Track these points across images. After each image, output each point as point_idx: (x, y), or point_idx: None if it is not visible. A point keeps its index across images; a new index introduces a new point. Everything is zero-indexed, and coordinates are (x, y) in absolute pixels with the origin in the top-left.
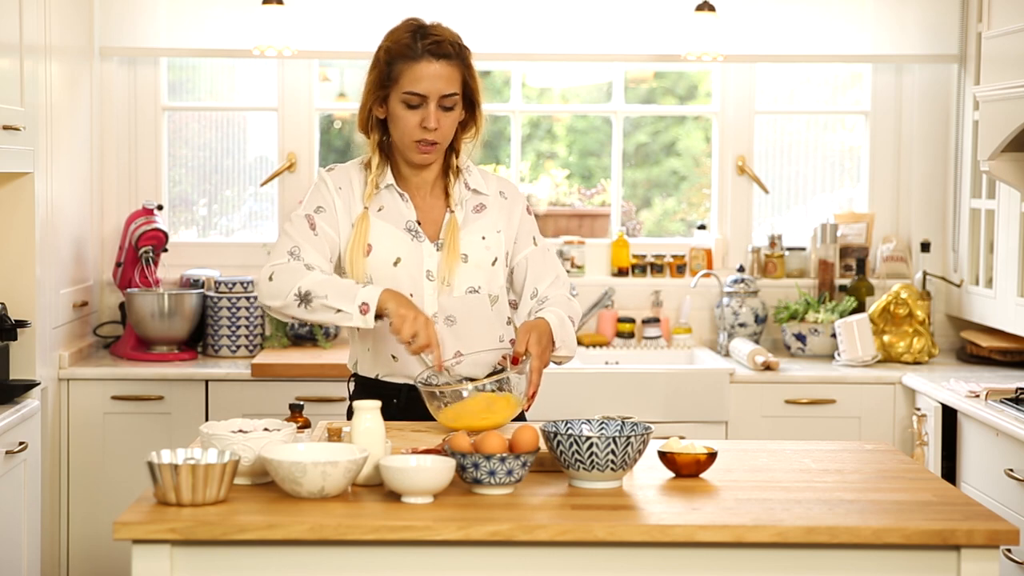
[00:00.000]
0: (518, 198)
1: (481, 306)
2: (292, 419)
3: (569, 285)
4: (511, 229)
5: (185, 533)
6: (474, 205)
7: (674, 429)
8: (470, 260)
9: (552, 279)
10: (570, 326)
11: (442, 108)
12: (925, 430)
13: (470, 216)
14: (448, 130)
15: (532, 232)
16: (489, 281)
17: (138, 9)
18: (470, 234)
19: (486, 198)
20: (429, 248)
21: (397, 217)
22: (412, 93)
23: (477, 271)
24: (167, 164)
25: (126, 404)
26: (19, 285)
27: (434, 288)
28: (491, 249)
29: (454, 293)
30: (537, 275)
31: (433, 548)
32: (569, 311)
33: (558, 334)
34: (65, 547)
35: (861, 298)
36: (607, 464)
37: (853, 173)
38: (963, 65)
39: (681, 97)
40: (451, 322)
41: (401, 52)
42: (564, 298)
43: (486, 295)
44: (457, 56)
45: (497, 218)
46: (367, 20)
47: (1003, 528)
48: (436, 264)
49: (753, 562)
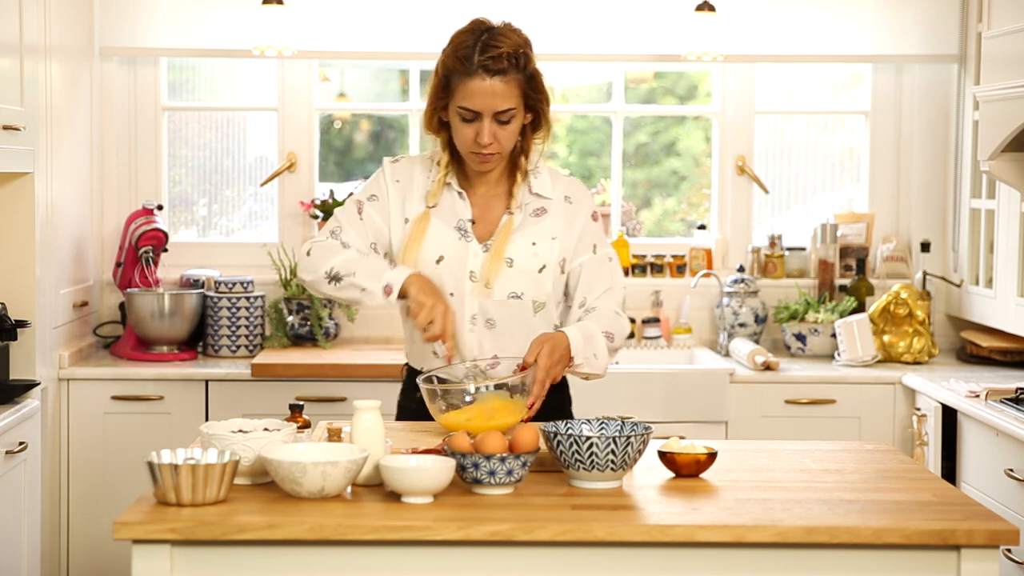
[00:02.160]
0: (584, 203)
1: (523, 312)
2: (292, 419)
3: (622, 298)
4: (570, 235)
5: (185, 533)
6: (534, 209)
7: (674, 429)
8: (515, 265)
9: (604, 290)
10: (601, 342)
11: (498, 122)
12: (925, 430)
13: (528, 220)
14: (507, 141)
15: (594, 239)
16: (534, 287)
17: (138, 9)
18: (522, 239)
19: (548, 202)
20: (475, 248)
21: (450, 215)
22: (465, 108)
23: (521, 276)
24: (167, 164)
25: (126, 404)
26: (19, 285)
27: (476, 289)
28: (540, 256)
29: (495, 297)
30: (589, 284)
31: (433, 548)
32: (609, 326)
33: (579, 349)
34: (65, 547)
35: (861, 298)
36: (607, 464)
37: (853, 173)
38: (963, 65)
39: (681, 97)
40: (491, 325)
41: (456, 67)
42: (610, 312)
43: (529, 301)
44: (515, 68)
45: (555, 224)
46: (367, 20)
47: (1003, 528)
48: (480, 265)
49: (753, 562)
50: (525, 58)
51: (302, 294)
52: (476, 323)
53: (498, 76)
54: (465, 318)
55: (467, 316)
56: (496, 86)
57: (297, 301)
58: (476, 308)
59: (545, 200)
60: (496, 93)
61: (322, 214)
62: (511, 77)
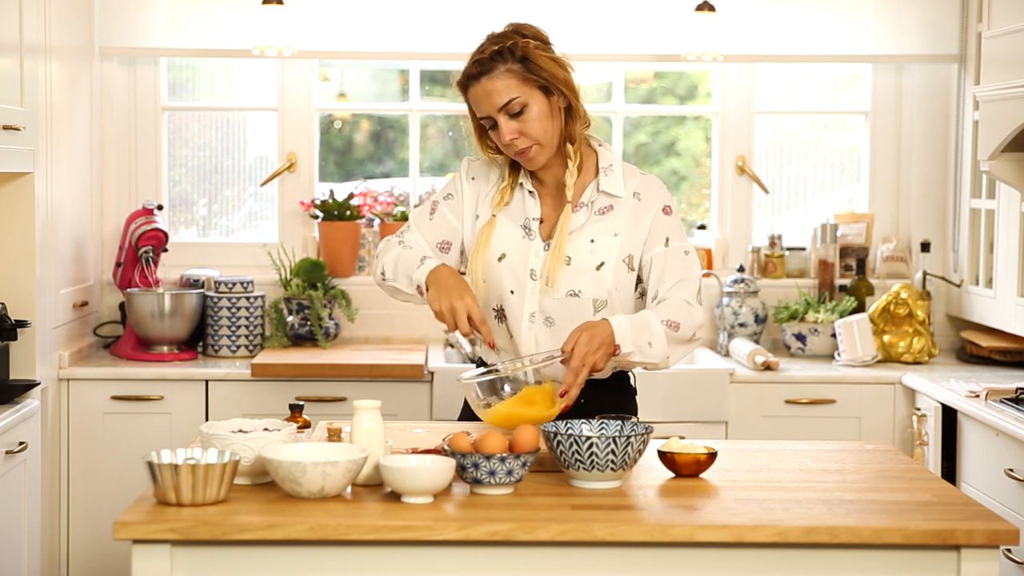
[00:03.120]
0: (655, 199)
1: (582, 310)
2: (292, 419)
3: (697, 288)
4: (638, 232)
5: (185, 533)
6: (601, 207)
7: (674, 429)
8: (573, 263)
9: (675, 281)
10: (659, 329)
11: (510, 116)
12: (925, 430)
13: (593, 217)
14: (534, 131)
15: (666, 233)
16: (593, 285)
17: (138, 9)
18: (581, 236)
19: (617, 200)
20: (538, 247)
21: (518, 213)
22: (480, 118)
23: (580, 274)
24: (167, 164)
25: (126, 404)
26: (19, 285)
27: (536, 288)
28: (598, 253)
29: (556, 295)
30: (660, 277)
31: (433, 548)
32: (672, 315)
33: (625, 336)
34: (65, 547)
35: (861, 298)
36: (607, 464)
37: (853, 173)
38: (963, 65)
39: (681, 97)
40: (550, 323)
41: (461, 85)
42: (678, 301)
43: (589, 299)
44: (502, 60)
45: (619, 221)
46: (367, 20)
47: (1003, 528)
48: (541, 264)
49: (753, 562)
50: (514, 47)
51: (302, 294)
52: (535, 321)
53: (484, 76)
54: (524, 316)
55: (526, 314)
56: (486, 86)
57: (297, 301)
58: (536, 306)
59: (613, 198)
60: (489, 92)
61: (322, 214)
62: (501, 70)
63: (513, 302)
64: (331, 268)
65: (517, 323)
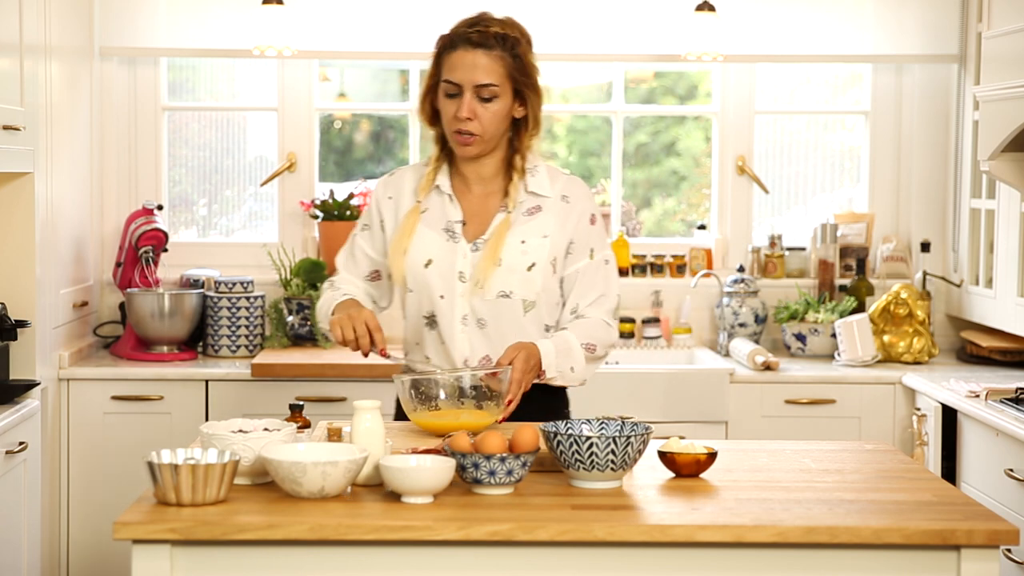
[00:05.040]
0: (581, 203)
1: (512, 311)
2: (292, 419)
3: (615, 305)
4: (563, 235)
5: (185, 533)
6: (529, 208)
7: (674, 429)
8: (504, 264)
9: (595, 297)
10: (579, 354)
11: (480, 99)
12: (925, 430)
13: (521, 218)
14: (489, 123)
15: (591, 244)
16: (523, 286)
17: (138, 9)
18: (512, 236)
19: (544, 200)
20: (464, 249)
21: (439, 218)
22: (448, 81)
23: (510, 275)
24: (167, 164)
25: (126, 404)
26: (19, 285)
27: (466, 290)
28: (529, 254)
29: (486, 296)
30: (582, 291)
31: (433, 548)
32: (591, 337)
33: (551, 362)
34: (65, 547)
35: (861, 298)
36: (607, 464)
37: (853, 173)
38: (963, 65)
39: (681, 97)
40: (482, 325)
41: (446, 41)
42: (597, 322)
43: (519, 300)
44: (501, 46)
45: (548, 222)
46: (367, 20)
47: (1003, 528)
48: (469, 266)
49: (753, 562)
50: (515, 42)
51: (302, 294)
52: (467, 323)
53: (481, 49)
54: (456, 319)
55: (458, 317)
56: (479, 58)
57: (297, 301)
58: (467, 308)
59: (541, 199)
60: (477, 65)
61: (322, 214)
62: (496, 54)
63: (443, 306)
64: (331, 268)
65: (449, 327)
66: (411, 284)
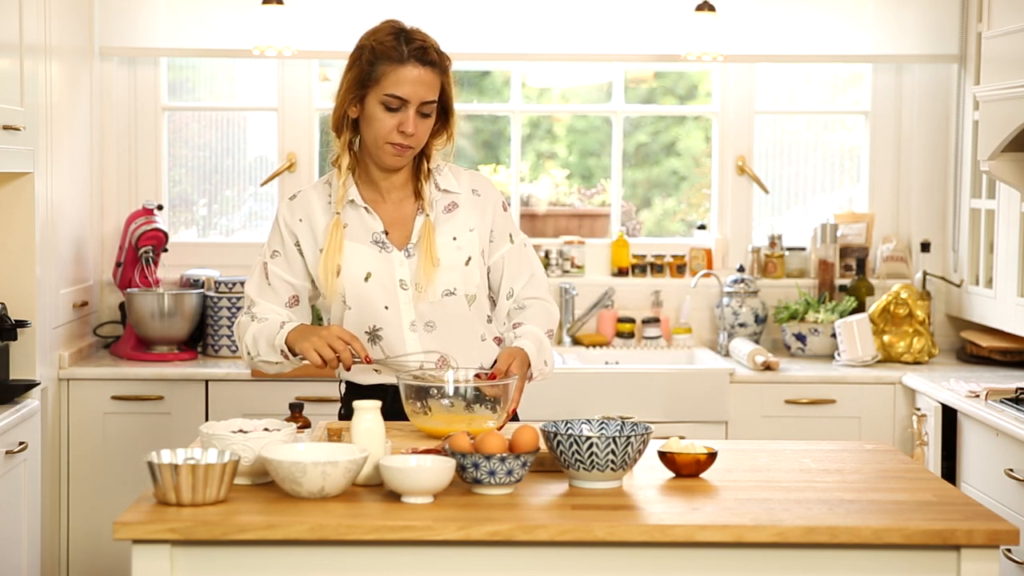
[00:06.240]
0: (492, 194)
1: (459, 308)
2: (292, 419)
3: (546, 282)
4: (485, 226)
5: (185, 533)
6: (445, 205)
7: (674, 429)
8: (443, 263)
9: (527, 278)
10: (548, 345)
11: (420, 114)
12: (925, 430)
13: (441, 217)
14: (423, 136)
15: (509, 229)
16: (464, 281)
17: (138, 9)
18: (441, 236)
19: (457, 196)
20: (399, 257)
21: (363, 232)
22: (393, 96)
23: (451, 273)
24: (167, 164)
25: (126, 404)
26: (19, 285)
27: (409, 296)
28: (463, 249)
29: (430, 298)
30: (513, 275)
31: (433, 548)
32: (547, 323)
33: (536, 361)
34: (65, 547)
35: (861, 298)
36: (607, 464)
37: (853, 173)
38: (963, 65)
39: (681, 97)
40: (431, 328)
41: (386, 53)
42: (541, 307)
43: (463, 296)
44: (439, 64)
45: (469, 216)
46: (367, 20)
47: (1003, 528)
48: (408, 272)
49: (753, 562)
50: (445, 58)
51: None
52: (416, 328)
53: (428, 67)
54: (404, 327)
55: (406, 324)
56: (426, 76)
57: None
58: (413, 314)
59: (453, 195)
60: (424, 82)
61: None
62: (436, 71)
63: (389, 317)
64: None
65: (397, 335)
66: (350, 301)
